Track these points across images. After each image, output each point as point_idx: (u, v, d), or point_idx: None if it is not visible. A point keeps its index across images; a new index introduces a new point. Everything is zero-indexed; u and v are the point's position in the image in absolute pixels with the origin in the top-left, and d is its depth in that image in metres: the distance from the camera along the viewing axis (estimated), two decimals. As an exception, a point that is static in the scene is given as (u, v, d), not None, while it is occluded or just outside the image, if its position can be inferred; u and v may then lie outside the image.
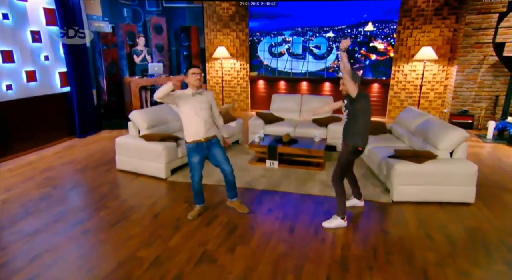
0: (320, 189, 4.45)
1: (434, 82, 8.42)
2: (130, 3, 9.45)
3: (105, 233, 3.46)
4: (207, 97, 3.53)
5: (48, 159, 5.59)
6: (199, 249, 3.18)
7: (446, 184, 4.00)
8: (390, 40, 8.47)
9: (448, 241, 3.32)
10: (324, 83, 9.10)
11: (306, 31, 8.96)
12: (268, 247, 3.21)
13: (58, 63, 6.46)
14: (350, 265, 2.94)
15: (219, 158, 3.62)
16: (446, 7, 7.98)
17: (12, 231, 3.48)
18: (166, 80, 8.25)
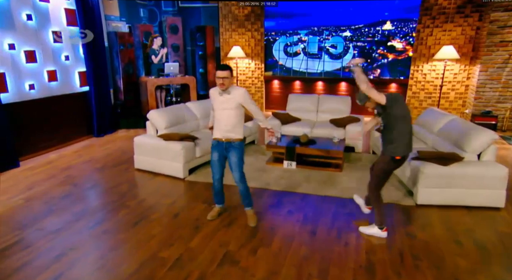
0: (340, 191, 4.37)
1: (455, 82, 8.23)
2: (147, 3, 9.52)
3: (125, 233, 3.45)
4: (234, 98, 3.39)
5: (68, 158, 5.64)
6: (220, 250, 3.14)
7: (474, 188, 3.87)
8: (409, 39, 8.31)
9: (478, 247, 3.21)
10: (340, 83, 8.99)
11: (322, 31, 8.87)
12: (290, 250, 3.15)
13: (78, 63, 6.53)
14: (376, 270, 2.86)
15: (231, 164, 3.51)
16: (469, 4, 7.78)
17: (35, 229, 3.51)
18: (182, 80, 8.28)
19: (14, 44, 5.21)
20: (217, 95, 3.43)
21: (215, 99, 3.47)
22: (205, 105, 6.19)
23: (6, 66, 5.13)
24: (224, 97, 3.40)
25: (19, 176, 4.84)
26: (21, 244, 3.23)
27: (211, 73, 9.61)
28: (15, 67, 5.26)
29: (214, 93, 3.48)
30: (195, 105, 5.98)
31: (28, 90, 5.49)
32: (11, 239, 3.31)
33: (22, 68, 5.38)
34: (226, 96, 3.40)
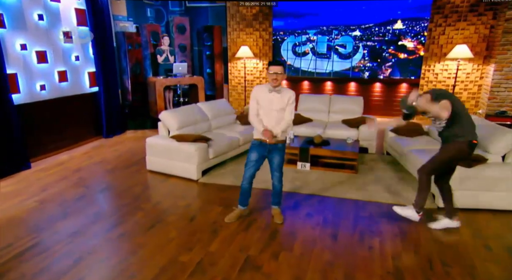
0: (358, 193, 4.29)
1: (468, 82, 8.12)
2: (153, 3, 9.46)
3: (142, 236, 3.37)
4: (282, 98, 3.29)
5: (79, 159, 5.58)
6: (241, 255, 3.06)
7: (500, 190, 3.78)
8: (420, 38, 8.21)
9: (510, 253, 3.11)
10: (349, 83, 8.90)
11: (331, 30, 8.79)
12: (312, 254, 3.07)
13: (87, 63, 6.47)
14: (405, 277, 2.77)
15: (273, 163, 3.46)
16: (482, 3, 7.66)
17: (52, 232, 3.44)
18: (190, 80, 8.22)
19: (26, 45, 5.16)
20: (266, 93, 3.30)
21: (262, 97, 3.31)
22: (217, 106, 6.12)
23: (18, 66, 5.07)
24: (274, 96, 3.29)
25: (32, 178, 4.78)
26: (38, 248, 3.16)
27: (218, 73, 9.54)
28: (26, 67, 5.21)
29: (261, 90, 3.33)
30: (206, 106, 5.91)
31: (39, 91, 5.43)
32: (28, 243, 3.24)
33: (34, 68, 5.32)
34: (276, 95, 3.28)
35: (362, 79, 8.75)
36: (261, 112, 3.38)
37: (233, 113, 6.40)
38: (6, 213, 3.81)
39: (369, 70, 8.69)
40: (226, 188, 4.50)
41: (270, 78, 3.21)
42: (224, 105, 6.32)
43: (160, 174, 4.96)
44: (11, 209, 3.90)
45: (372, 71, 8.66)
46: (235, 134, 5.60)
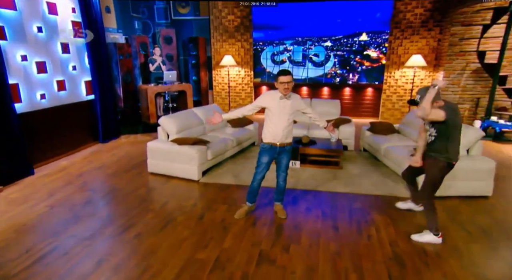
0: (346, 187, 4.28)
1: (421, 87, 8.39)
2: (141, 16, 9.09)
3: (156, 237, 3.16)
4: (293, 103, 3.17)
5: (79, 164, 5.19)
6: (254, 250, 2.94)
7: (466, 179, 3.89)
8: (382, 49, 8.40)
9: (485, 233, 3.20)
10: (323, 88, 8.97)
11: (305, 41, 8.80)
12: (320, 246, 3.00)
13: (83, 73, 6.05)
14: (405, 261, 2.76)
15: (282, 165, 3.37)
16: (431, 19, 7.98)
17: (67, 236, 3.15)
18: (179, 87, 7.94)
19: (26, 56, 4.73)
20: (277, 100, 3.15)
21: (273, 104, 3.16)
22: (209, 110, 5.92)
23: (19, 77, 4.64)
24: (285, 103, 3.15)
25: (37, 184, 4.39)
26: (58, 251, 2.88)
27: (203, 80, 9.31)
28: (27, 77, 4.77)
29: (272, 98, 3.17)
30: (200, 111, 5.70)
31: (40, 100, 5.00)
32: (47, 247, 2.95)
33: (34, 78, 4.89)
34: (286, 102, 3.15)
35: (333, 84, 8.84)
36: (273, 118, 3.22)
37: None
38: (18, 219, 3.46)
39: (339, 76, 8.79)
40: (226, 187, 4.35)
41: (282, 88, 3.08)
42: (216, 110, 6.11)
43: (161, 176, 4.72)
44: (23, 214, 3.55)
45: (342, 77, 8.77)
46: (228, 136, 5.45)
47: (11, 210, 3.66)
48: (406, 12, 8.05)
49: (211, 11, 9.05)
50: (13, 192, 4.11)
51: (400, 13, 8.06)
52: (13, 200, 3.88)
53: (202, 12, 9.22)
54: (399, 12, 8.06)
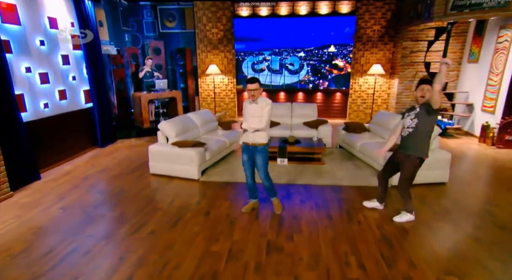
0: (331, 180, 4.36)
1: (381, 91, 8.77)
2: (130, 30, 8.74)
3: (170, 233, 3.06)
4: (261, 107, 3.16)
5: (83, 168, 4.90)
6: (262, 240, 2.92)
7: (428, 169, 4.09)
8: (347, 59, 8.66)
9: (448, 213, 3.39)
10: (298, 93, 9.09)
11: (282, 52, 8.87)
12: (319, 233, 3.04)
13: (82, 83, 5.71)
14: (392, 241, 2.87)
15: (257, 165, 3.31)
16: (386, 35, 8.33)
17: (85, 236, 2.97)
18: (170, 94, 7.72)
19: (30, 68, 4.40)
20: (248, 104, 3.22)
21: (246, 108, 3.24)
22: (203, 115, 5.81)
23: (24, 87, 4.30)
24: (253, 107, 3.18)
25: (45, 188, 4.09)
26: (79, 251, 2.72)
27: (190, 87, 9.11)
28: (31, 88, 4.43)
29: (246, 102, 3.26)
30: (195, 115, 5.57)
31: (43, 109, 4.66)
32: (67, 247, 2.76)
33: (37, 89, 4.55)
34: (254, 106, 3.18)
35: (307, 89, 8.99)
36: (244, 120, 3.24)
37: (215, 120, 6.13)
38: (34, 222, 3.22)
39: (312, 83, 8.95)
40: (225, 185, 4.29)
41: (248, 95, 3.12)
42: (208, 114, 6.02)
43: (163, 176, 4.56)
44: (37, 217, 3.31)
45: (314, 83, 8.94)
46: (222, 138, 5.37)
47: (25, 214, 3.39)
48: (366, 28, 8.34)
49: (196, 25, 8.87)
50: (23, 196, 3.80)
51: (362, 29, 8.35)
52: (25, 204, 3.60)
53: (188, 26, 9.02)
54: (360, 28, 8.34)
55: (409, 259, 2.60)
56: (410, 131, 2.95)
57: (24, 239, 2.89)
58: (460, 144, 6.14)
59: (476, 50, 6.89)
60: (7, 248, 2.77)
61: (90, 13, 5.71)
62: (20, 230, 3.06)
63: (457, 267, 2.48)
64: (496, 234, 2.98)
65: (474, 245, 2.79)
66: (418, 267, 2.48)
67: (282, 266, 2.54)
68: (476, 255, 2.64)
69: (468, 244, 2.82)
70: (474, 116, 6.87)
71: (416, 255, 2.66)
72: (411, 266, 2.50)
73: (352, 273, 2.44)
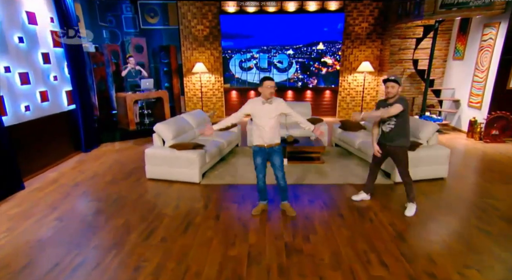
0: (334, 179, 4.48)
1: (370, 89, 9.08)
2: (108, 25, 8.45)
3: (182, 239, 3.02)
4: (276, 106, 3.22)
5: (70, 175, 4.69)
6: (279, 243, 2.96)
7: (428, 165, 4.33)
8: (336, 56, 8.88)
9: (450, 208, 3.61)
10: (287, 91, 9.20)
11: (270, 49, 8.94)
12: (334, 232, 3.13)
13: (64, 83, 5.47)
14: (407, 237, 3.01)
15: (275, 165, 3.36)
16: (374, 33, 8.64)
17: (91, 247, 2.87)
18: (156, 94, 7.56)
19: (9, 67, 4.15)
20: (259, 105, 3.20)
21: (257, 109, 3.21)
22: (197, 116, 5.75)
23: (3, 89, 4.05)
24: (267, 107, 3.19)
25: (32, 197, 3.88)
26: (89, 263, 2.63)
27: (175, 87, 8.96)
28: (11, 89, 4.18)
29: (255, 103, 3.23)
30: (189, 116, 5.51)
31: (24, 112, 4.41)
32: (75, 259, 2.66)
33: (17, 90, 4.31)
34: (267, 106, 3.19)
35: (296, 87, 9.12)
36: (259, 122, 3.26)
37: (209, 121, 6.09)
38: (30, 235, 3.07)
39: (301, 81, 9.10)
40: (228, 187, 4.29)
41: (268, 92, 3.14)
42: (202, 115, 5.97)
43: (161, 181, 4.48)
44: (32, 230, 3.15)
45: (303, 81, 9.10)
46: (218, 139, 5.35)
47: (17, 226, 3.21)
48: (354, 26, 8.61)
49: (180, 21, 8.74)
50: (10, 208, 3.60)
51: (350, 26, 8.60)
52: (14, 216, 3.41)
53: (172, 22, 8.86)
54: (349, 25, 8.59)
55: (427, 254, 2.74)
56: (392, 127, 3.28)
57: (23, 254, 2.75)
58: (450, 139, 6.50)
59: (461, 47, 7.32)
60: (5, 264, 2.62)
61: (69, 7, 5.48)
62: (16, 244, 2.90)
63: (473, 260, 2.65)
64: (503, 227, 3.20)
65: (484, 238, 2.99)
66: (437, 262, 2.62)
67: (305, 268, 2.59)
68: (489, 248, 2.83)
69: (479, 237, 3.01)
70: (461, 111, 7.30)
71: (432, 250, 2.81)
72: (431, 261, 2.64)
73: (375, 271, 2.54)
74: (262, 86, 3.17)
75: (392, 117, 3.22)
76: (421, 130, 4.56)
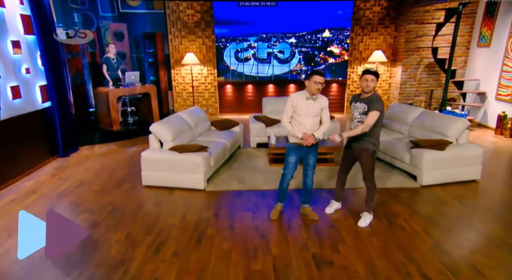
0: (352, 182, 4.55)
1: (381, 81, 9.31)
2: (80, 7, 8.35)
3: (197, 252, 3.09)
4: (319, 104, 3.35)
5: (51, 184, 4.66)
6: (306, 254, 3.07)
7: (460, 166, 4.51)
8: (344, 45, 9.07)
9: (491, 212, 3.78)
10: (289, 85, 9.33)
11: (270, 37, 9.06)
12: (364, 242, 3.25)
13: (37, 76, 5.42)
14: (446, 247, 3.15)
15: (310, 163, 3.54)
16: (387, 17, 8.87)
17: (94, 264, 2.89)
18: (143, 89, 7.56)
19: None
20: (303, 101, 3.34)
21: (300, 105, 3.34)
22: (195, 114, 5.80)
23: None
24: (311, 103, 3.33)
25: (10, 211, 3.85)
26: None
27: (162, 81, 8.97)
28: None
29: (299, 98, 3.36)
30: (186, 114, 5.55)
31: (-4, 112, 4.37)
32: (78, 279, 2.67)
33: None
34: (311, 102, 3.33)
35: (299, 81, 9.26)
36: (299, 118, 3.41)
37: (207, 120, 6.15)
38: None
39: (304, 73, 9.25)
40: (237, 194, 4.36)
41: (315, 87, 3.26)
42: (200, 113, 6.02)
43: (160, 188, 4.51)
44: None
45: (307, 74, 9.22)
46: (220, 139, 5.42)
47: (2, 243, 3.19)
48: (365, 10, 8.81)
49: (167, 5, 8.74)
50: (-11, 224, 3.57)
51: (360, 10, 8.80)
52: (-2, 233, 3.39)
53: (157, 5, 8.86)
54: (359, 9, 8.79)
55: (471, 265, 2.88)
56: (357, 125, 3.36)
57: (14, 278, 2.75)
58: (476, 137, 6.75)
59: (487, 33, 7.58)
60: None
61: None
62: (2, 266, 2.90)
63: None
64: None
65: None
66: (486, 275, 2.76)
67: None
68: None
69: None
70: (488, 105, 7.58)
71: (477, 260, 2.95)
72: (478, 273, 2.78)
73: (417, 282, 2.67)
74: (310, 80, 3.27)
75: (363, 115, 3.32)
76: (449, 127, 4.74)
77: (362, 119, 3.33)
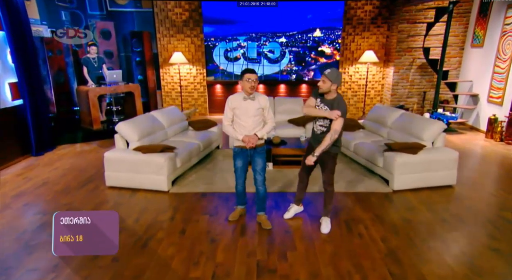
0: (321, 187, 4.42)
1: (374, 82, 9.11)
2: (68, 6, 8.35)
3: (139, 257, 2.99)
4: (258, 103, 3.24)
5: (13, 184, 4.63)
6: (251, 261, 2.95)
7: (434, 170, 4.33)
8: (336, 45, 8.90)
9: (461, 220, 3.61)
10: (279, 85, 9.20)
11: (260, 37, 8.94)
12: (316, 249, 3.11)
13: (7, 73, 5.41)
14: (400, 256, 3.00)
15: (257, 167, 3.38)
16: (379, 16, 8.68)
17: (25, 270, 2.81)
18: (126, 88, 7.51)
19: None
20: (240, 101, 3.23)
21: (238, 106, 3.24)
22: (169, 113, 5.72)
23: None
24: (249, 103, 3.21)
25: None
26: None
27: (150, 80, 8.92)
28: None
29: (236, 99, 3.26)
30: (160, 114, 5.48)
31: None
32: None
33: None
34: (249, 102, 3.21)
35: (290, 81, 9.13)
36: (239, 120, 3.29)
37: (185, 120, 6.07)
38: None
39: (295, 73, 9.11)
40: (201, 196, 4.26)
41: (248, 86, 3.15)
42: (176, 112, 5.94)
43: (123, 189, 4.43)
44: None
45: (298, 74, 9.10)
46: (193, 140, 5.33)
47: None
48: (356, 9, 8.63)
49: (155, 3, 8.71)
50: None
51: (352, 9, 8.63)
52: None
53: (145, 4, 8.83)
54: (350, 9, 8.62)
55: (421, 276, 2.72)
56: (323, 130, 3.26)
57: None
58: (465, 141, 6.53)
59: (481, 33, 7.32)
60: None
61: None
62: None
63: (474, 283, 2.65)
64: None
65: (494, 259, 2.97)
66: (432, 284, 2.61)
67: (277, 291, 2.58)
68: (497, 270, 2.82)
69: (487, 256, 3.00)
70: (480, 108, 7.32)
71: (429, 271, 2.79)
72: (424, 283, 2.63)
73: (358, 294, 2.53)
74: (242, 80, 3.18)
75: (326, 120, 3.21)
76: (424, 130, 4.57)
77: (325, 123, 3.22)
